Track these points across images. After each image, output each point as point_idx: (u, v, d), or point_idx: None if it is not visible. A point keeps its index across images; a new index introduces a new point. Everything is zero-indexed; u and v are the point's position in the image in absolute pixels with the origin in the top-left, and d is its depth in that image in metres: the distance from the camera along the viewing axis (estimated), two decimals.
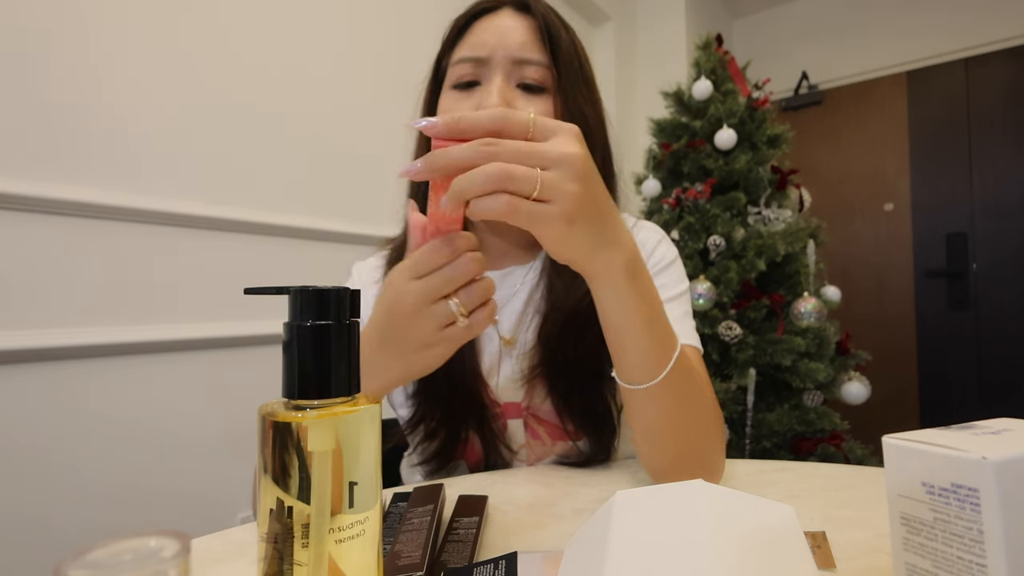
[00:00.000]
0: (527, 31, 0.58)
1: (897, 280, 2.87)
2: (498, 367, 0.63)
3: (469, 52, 0.58)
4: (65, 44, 1.01)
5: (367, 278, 0.69)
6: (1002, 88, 2.66)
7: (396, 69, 1.64)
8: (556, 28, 0.59)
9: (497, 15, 0.59)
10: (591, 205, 0.38)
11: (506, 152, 0.35)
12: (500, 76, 0.57)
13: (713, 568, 0.22)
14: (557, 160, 0.36)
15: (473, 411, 0.62)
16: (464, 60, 0.58)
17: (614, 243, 0.42)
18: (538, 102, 0.58)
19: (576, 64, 0.60)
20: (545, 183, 0.36)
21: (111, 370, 1.04)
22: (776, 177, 1.83)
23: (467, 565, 0.36)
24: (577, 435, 0.62)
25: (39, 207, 0.96)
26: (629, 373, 0.47)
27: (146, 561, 0.19)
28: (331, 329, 0.27)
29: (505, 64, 0.57)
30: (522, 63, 0.57)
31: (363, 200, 1.51)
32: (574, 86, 0.59)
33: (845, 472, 0.56)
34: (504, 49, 0.57)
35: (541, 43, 0.58)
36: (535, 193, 0.36)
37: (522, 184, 0.35)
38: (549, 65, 0.58)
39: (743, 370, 1.64)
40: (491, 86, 0.56)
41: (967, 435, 0.26)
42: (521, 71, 0.57)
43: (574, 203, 0.37)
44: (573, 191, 0.36)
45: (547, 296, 0.62)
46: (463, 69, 0.58)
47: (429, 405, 0.61)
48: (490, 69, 0.57)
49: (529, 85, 0.58)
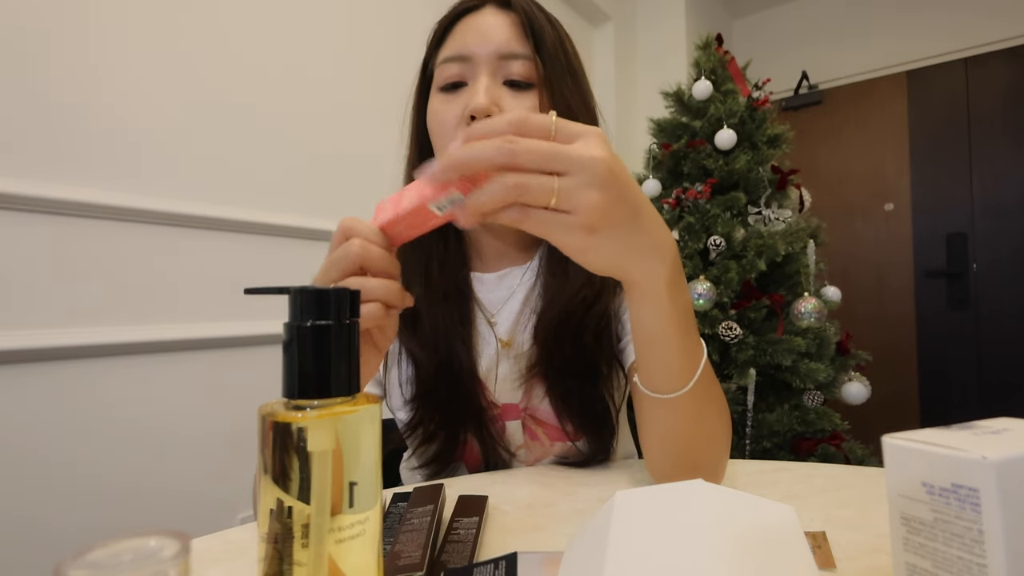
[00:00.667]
0: (510, 27, 0.58)
1: (897, 280, 2.87)
2: (496, 369, 0.63)
3: (453, 52, 0.58)
4: (65, 44, 1.01)
5: None
6: (1002, 88, 2.66)
7: (396, 69, 1.64)
8: (539, 22, 0.59)
9: (479, 14, 0.59)
10: (618, 212, 0.35)
11: (525, 152, 0.33)
12: (485, 74, 0.56)
13: (713, 568, 0.22)
14: (577, 163, 0.34)
15: (471, 413, 0.61)
16: (449, 60, 0.58)
17: (652, 251, 0.39)
18: (525, 98, 0.57)
19: (562, 57, 0.60)
20: (562, 191, 0.34)
21: (111, 370, 1.04)
22: (776, 177, 1.83)
23: (467, 565, 0.36)
24: (576, 435, 0.62)
25: (39, 207, 0.96)
26: (655, 382, 0.46)
27: (146, 561, 0.19)
28: (331, 329, 0.27)
29: (490, 61, 0.57)
30: (507, 58, 0.57)
31: (363, 200, 1.51)
32: (560, 79, 0.59)
33: (845, 472, 0.56)
34: (487, 46, 0.57)
35: (524, 37, 0.58)
36: (552, 203, 0.34)
37: (537, 195, 0.34)
38: (534, 59, 0.57)
39: (743, 370, 1.64)
40: (477, 85, 0.56)
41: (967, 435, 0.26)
42: (507, 67, 0.57)
43: (594, 212, 0.34)
44: (593, 199, 0.34)
45: (542, 296, 0.62)
46: (449, 70, 0.58)
47: (427, 408, 0.61)
48: (475, 68, 0.57)
49: (515, 82, 0.57)
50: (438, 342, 0.61)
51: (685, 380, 0.45)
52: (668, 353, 0.44)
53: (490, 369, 0.63)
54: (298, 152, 1.39)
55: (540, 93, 0.58)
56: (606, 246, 0.37)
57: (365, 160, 1.53)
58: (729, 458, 0.55)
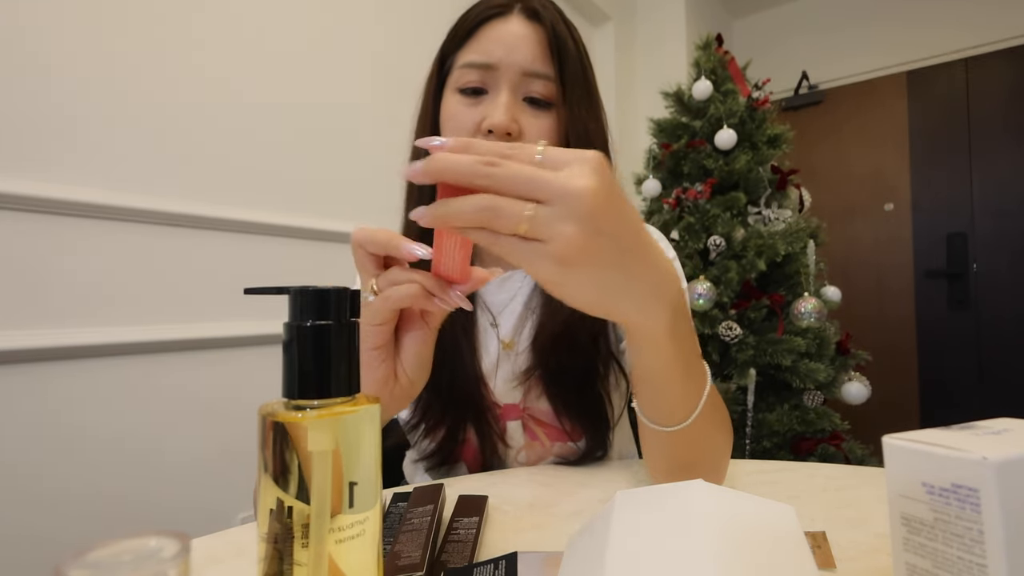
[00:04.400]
0: (537, 43, 0.58)
1: (897, 280, 2.87)
2: (496, 369, 0.63)
3: (477, 58, 0.58)
4: (65, 44, 1.01)
5: None
6: (1002, 88, 2.66)
7: (397, 68, 1.64)
8: (564, 38, 0.59)
9: (507, 21, 0.59)
10: (599, 248, 0.32)
11: (504, 175, 0.31)
12: (507, 90, 0.57)
13: (713, 568, 0.22)
14: (558, 193, 0.31)
15: (473, 412, 0.62)
16: (471, 65, 0.58)
17: (646, 296, 0.35)
18: (544, 118, 0.58)
19: (582, 77, 0.60)
20: (537, 220, 0.31)
21: (111, 370, 1.04)
22: (776, 177, 1.83)
23: (467, 565, 0.36)
24: (575, 435, 0.62)
25: (39, 207, 0.96)
26: (655, 416, 0.45)
27: (146, 561, 0.19)
28: (331, 329, 0.27)
29: (514, 76, 0.57)
30: (530, 76, 0.57)
31: (363, 200, 1.51)
32: (580, 102, 0.59)
33: (845, 472, 0.56)
34: (513, 60, 0.57)
35: (549, 56, 0.58)
36: (522, 231, 0.31)
37: (507, 222, 0.31)
38: (556, 80, 0.58)
39: (743, 370, 1.64)
40: (498, 99, 0.56)
41: (967, 435, 0.26)
42: (528, 84, 0.57)
43: (569, 245, 0.31)
44: (568, 232, 0.31)
45: (541, 298, 0.63)
46: (470, 75, 0.58)
47: (430, 405, 0.62)
48: (498, 78, 0.57)
49: (536, 100, 0.58)
50: (443, 342, 0.61)
51: (687, 413, 0.43)
52: (669, 390, 0.43)
53: (492, 370, 0.63)
54: (298, 152, 1.39)
55: (557, 113, 0.58)
56: (585, 283, 0.33)
57: (365, 160, 1.53)
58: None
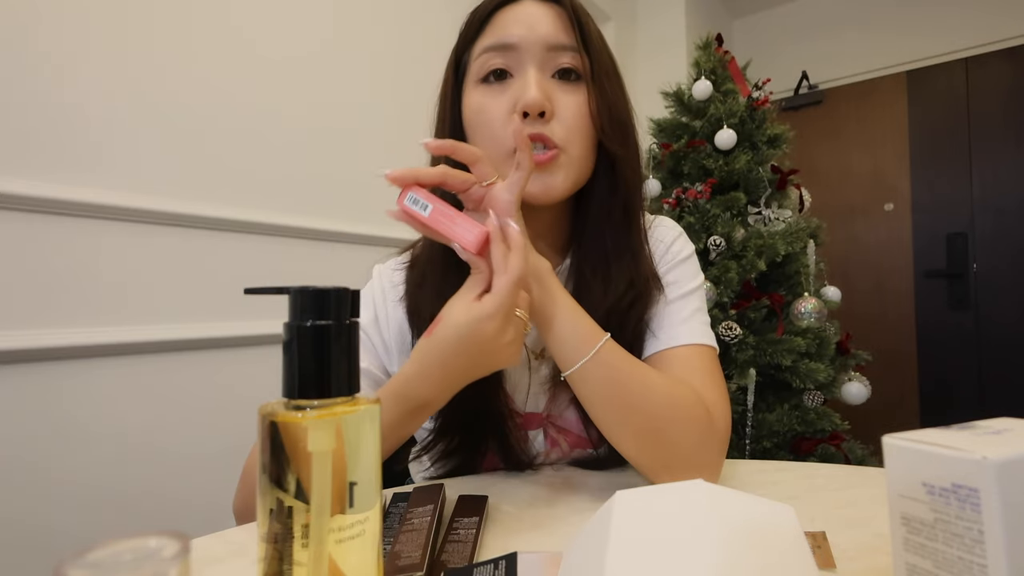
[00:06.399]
0: (555, 18, 0.55)
1: (897, 280, 2.87)
2: (525, 378, 0.60)
3: (496, 40, 0.54)
4: (65, 43, 1.01)
5: (392, 295, 0.63)
6: (1002, 88, 2.65)
7: (397, 68, 1.64)
8: (584, 15, 0.56)
9: (521, 5, 0.56)
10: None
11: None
12: (534, 67, 0.53)
13: (713, 568, 0.22)
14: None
15: (494, 424, 0.58)
16: (491, 49, 0.54)
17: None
18: (575, 93, 0.55)
19: (605, 53, 0.57)
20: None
21: (111, 370, 1.04)
22: (776, 177, 1.83)
23: (467, 565, 0.36)
24: (599, 443, 0.59)
25: (39, 207, 0.96)
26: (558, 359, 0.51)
27: (146, 561, 0.19)
28: (331, 329, 0.27)
29: (538, 52, 0.53)
30: (555, 49, 0.54)
31: (364, 200, 1.51)
32: (606, 75, 0.56)
33: (845, 472, 0.56)
34: (536, 36, 0.53)
35: (571, 29, 0.55)
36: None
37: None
38: (582, 52, 0.54)
39: (743, 370, 1.64)
40: (527, 77, 0.52)
41: (967, 435, 0.26)
42: (555, 59, 0.54)
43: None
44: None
45: (577, 298, 0.58)
46: (491, 59, 0.54)
47: (452, 420, 0.58)
48: (521, 58, 0.53)
49: (566, 72, 0.54)
50: None
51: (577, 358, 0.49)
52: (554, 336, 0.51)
53: (516, 379, 0.60)
54: (298, 152, 1.39)
55: (588, 88, 0.55)
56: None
57: (365, 160, 1.53)
58: (729, 458, 0.55)
